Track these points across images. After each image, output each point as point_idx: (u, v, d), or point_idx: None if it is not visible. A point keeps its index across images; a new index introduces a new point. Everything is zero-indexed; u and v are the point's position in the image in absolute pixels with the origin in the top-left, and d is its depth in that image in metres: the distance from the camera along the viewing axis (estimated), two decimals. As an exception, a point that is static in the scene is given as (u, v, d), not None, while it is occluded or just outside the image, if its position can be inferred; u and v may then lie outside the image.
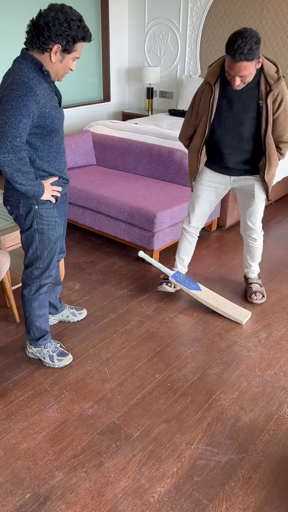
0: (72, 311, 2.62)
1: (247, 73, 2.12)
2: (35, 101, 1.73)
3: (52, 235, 2.03)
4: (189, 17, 5.26)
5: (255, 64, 2.12)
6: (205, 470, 1.76)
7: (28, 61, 1.75)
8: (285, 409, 2.04)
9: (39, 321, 2.21)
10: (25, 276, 2.14)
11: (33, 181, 1.84)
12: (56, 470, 1.75)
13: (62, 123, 1.93)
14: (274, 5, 4.63)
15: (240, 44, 2.01)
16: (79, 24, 1.72)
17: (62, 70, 1.83)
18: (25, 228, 2.01)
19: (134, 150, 3.79)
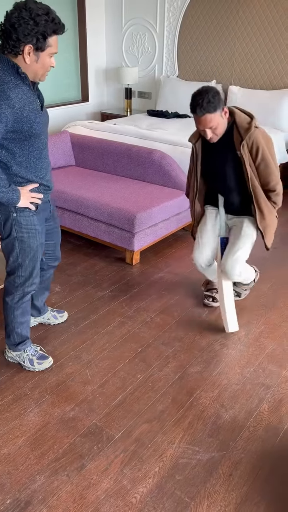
0: (54, 313, 2.60)
1: (214, 124, 2.18)
2: (8, 106, 1.66)
3: (33, 243, 1.98)
4: (166, 17, 5.28)
5: (220, 115, 2.17)
6: (187, 468, 1.78)
7: (4, 64, 1.69)
8: (265, 406, 2.07)
9: (20, 328, 2.19)
10: (8, 284, 2.09)
11: (5, 188, 1.78)
12: (37, 474, 1.74)
13: (44, 127, 1.86)
14: (250, 6, 4.68)
15: (198, 100, 2.12)
16: (47, 18, 1.63)
17: (41, 70, 1.75)
18: (5, 235, 1.96)
19: (113, 151, 3.79)
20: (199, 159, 2.42)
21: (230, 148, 2.29)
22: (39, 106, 1.82)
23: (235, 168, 2.33)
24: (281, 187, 2.35)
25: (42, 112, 1.84)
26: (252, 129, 2.21)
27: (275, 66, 4.76)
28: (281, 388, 2.17)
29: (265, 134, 2.27)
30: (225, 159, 2.33)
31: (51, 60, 1.76)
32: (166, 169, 3.53)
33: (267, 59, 4.78)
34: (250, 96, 4.77)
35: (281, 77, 4.76)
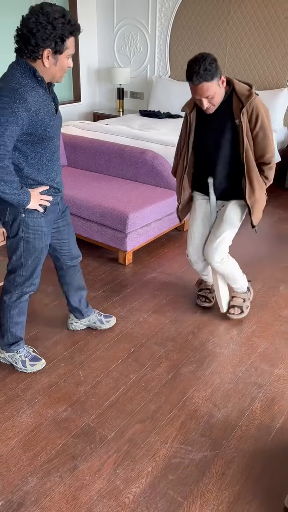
0: (100, 318, 2.55)
1: (211, 93, 2.11)
2: (25, 109, 1.67)
3: (38, 244, 1.99)
4: (158, 18, 5.28)
5: (217, 83, 2.10)
6: (180, 468, 1.78)
7: (22, 67, 1.70)
8: (257, 405, 2.08)
9: (15, 328, 2.18)
10: (7, 282, 2.10)
11: (17, 190, 1.78)
12: (29, 476, 1.74)
13: (57, 130, 1.86)
14: (241, 7, 4.70)
15: (195, 68, 2.04)
16: (63, 20, 1.64)
17: (60, 72, 1.76)
18: (11, 235, 1.97)
19: (105, 151, 3.79)
20: (193, 129, 2.31)
21: (228, 117, 2.22)
22: (54, 109, 1.83)
23: (230, 139, 2.25)
24: (274, 161, 2.28)
25: (57, 115, 1.85)
26: (253, 96, 2.15)
27: (266, 67, 4.79)
28: (273, 387, 2.18)
29: (263, 103, 2.21)
30: (221, 128, 2.24)
31: (69, 61, 1.77)
32: (158, 169, 3.54)
33: (259, 59, 4.80)
34: (242, 96, 4.78)
35: (273, 77, 4.78)
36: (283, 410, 2.05)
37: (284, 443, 1.89)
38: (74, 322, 2.53)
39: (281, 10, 4.49)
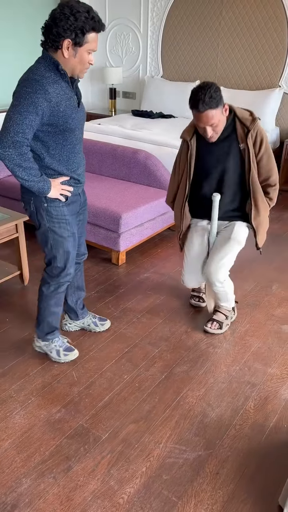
0: (94, 320, 2.55)
1: (215, 121, 2.12)
2: (45, 99, 1.72)
3: (64, 233, 2.03)
4: (150, 17, 5.28)
5: (221, 111, 2.12)
6: (174, 468, 1.78)
7: (46, 60, 1.77)
8: (251, 404, 2.08)
9: (51, 318, 2.24)
10: (46, 274, 2.17)
11: (37, 177, 1.83)
12: (23, 477, 1.73)
13: (80, 123, 1.92)
14: (233, 7, 4.72)
15: (200, 95, 2.05)
16: (87, 15, 1.71)
17: (80, 65, 1.81)
18: (38, 225, 2.03)
19: (98, 151, 3.78)
20: (193, 156, 2.31)
21: (232, 142, 2.23)
22: (76, 102, 1.89)
23: (235, 163, 2.27)
24: (278, 180, 2.33)
25: (79, 108, 1.90)
26: (257, 121, 2.20)
27: (258, 67, 4.81)
28: (267, 386, 2.19)
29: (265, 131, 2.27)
30: (226, 154, 2.26)
31: (90, 57, 1.82)
32: (151, 169, 3.54)
33: (250, 59, 4.82)
34: (234, 96, 4.80)
35: (264, 77, 4.81)
36: (276, 409, 2.06)
37: (278, 442, 1.90)
38: (68, 323, 2.53)
39: (272, 10, 4.52)
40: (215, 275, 2.37)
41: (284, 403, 2.09)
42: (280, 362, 2.34)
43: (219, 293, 2.47)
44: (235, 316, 2.69)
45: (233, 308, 2.67)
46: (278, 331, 2.58)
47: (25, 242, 2.88)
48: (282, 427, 1.97)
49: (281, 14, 4.49)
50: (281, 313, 2.75)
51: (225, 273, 2.39)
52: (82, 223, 2.23)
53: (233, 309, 2.66)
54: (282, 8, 4.47)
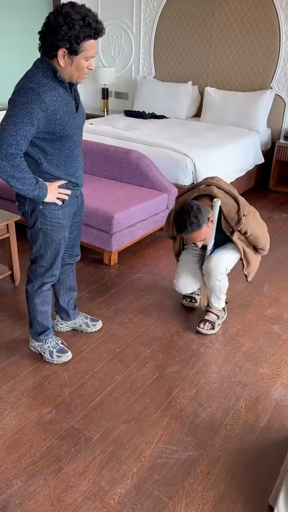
0: (86, 321, 2.54)
1: (202, 238, 2.27)
2: (41, 109, 1.69)
3: (56, 236, 2.02)
4: (142, 18, 5.29)
5: (206, 227, 2.23)
6: (165, 468, 1.78)
7: (44, 65, 1.73)
8: (242, 404, 2.09)
9: (41, 317, 2.23)
10: (30, 272, 2.16)
11: (32, 186, 1.81)
12: (14, 479, 1.72)
13: (77, 128, 1.89)
14: (225, 8, 4.74)
15: (184, 222, 2.17)
16: (81, 23, 1.63)
17: (77, 72, 1.76)
18: (30, 225, 2.02)
19: (90, 151, 3.77)
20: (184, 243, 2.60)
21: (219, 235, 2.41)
22: (75, 107, 1.85)
23: (223, 239, 2.46)
24: (268, 244, 2.49)
25: (77, 113, 1.87)
26: (242, 221, 2.28)
27: (250, 68, 4.83)
28: (257, 386, 2.20)
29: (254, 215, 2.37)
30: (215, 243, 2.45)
31: (89, 63, 1.76)
32: (143, 170, 3.54)
33: (243, 60, 4.84)
34: (226, 97, 4.82)
35: (256, 78, 4.83)
36: (267, 409, 2.07)
37: (268, 442, 1.91)
38: (60, 324, 2.52)
39: (264, 12, 4.54)
40: (216, 268, 2.42)
41: (274, 403, 2.10)
42: (271, 362, 2.35)
43: (215, 287, 2.49)
44: (226, 316, 2.70)
45: (223, 308, 2.68)
46: (269, 331, 2.59)
47: (16, 242, 2.86)
48: (273, 427, 1.98)
49: (273, 15, 4.52)
50: (272, 313, 2.76)
51: (224, 267, 2.44)
52: (78, 225, 2.22)
53: (223, 309, 2.68)
54: (274, 9, 4.49)
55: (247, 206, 2.39)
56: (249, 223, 2.34)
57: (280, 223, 4.07)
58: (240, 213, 2.28)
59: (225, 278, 2.48)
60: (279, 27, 4.53)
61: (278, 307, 2.83)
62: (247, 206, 2.39)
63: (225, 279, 2.48)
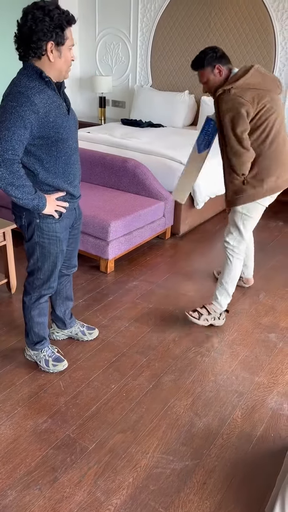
0: (83, 329, 2.53)
1: (203, 79, 2.36)
2: (32, 111, 1.66)
3: (53, 249, 2.00)
4: (139, 28, 5.33)
5: (210, 71, 2.32)
6: (161, 478, 1.77)
7: (28, 70, 1.72)
8: (238, 413, 2.09)
9: (38, 328, 2.23)
10: (27, 284, 2.15)
11: (31, 195, 1.77)
12: (8, 489, 1.70)
13: (72, 131, 1.85)
14: (221, 18, 4.79)
15: (195, 57, 2.37)
16: (59, 11, 1.67)
17: (65, 65, 1.77)
18: (27, 238, 2.00)
19: (87, 159, 3.78)
20: None
21: None
22: (66, 110, 1.82)
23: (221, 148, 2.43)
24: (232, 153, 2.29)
25: (69, 116, 1.84)
26: (220, 92, 2.26)
27: (246, 78, 4.87)
28: (254, 395, 2.19)
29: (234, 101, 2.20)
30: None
31: (71, 53, 1.78)
32: (140, 178, 3.55)
33: (239, 70, 4.88)
34: (222, 106, 4.85)
35: (252, 88, 4.87)
36: (263, 418, 2.06)
37: (265, 451, 1.90)
38: (56, 332, 2.51)
39: (259, 22, 4.59)
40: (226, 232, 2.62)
41: (271, 412, 2.10)
42: (267, 371, 2.35)
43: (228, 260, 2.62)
44: (221, 322, 2.68)
45: (221, 313, 2.68)
46: (265, 340, 2.60)
47: (12, 250, 2.86)
48: (269, 436, 1.97)
49: (268, 26, 4.56)
50: (268, 321, 2.77)
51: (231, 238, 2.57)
52: (76, 237, 2.20)
53: (221, 313, 2.68)
54: (269, 20, 4.54)
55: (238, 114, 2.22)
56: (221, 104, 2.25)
57: (275, 231, 4.09)
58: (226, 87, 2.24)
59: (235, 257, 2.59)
60: (275, 38, 4.58)
61: (275, 315, 2.83)
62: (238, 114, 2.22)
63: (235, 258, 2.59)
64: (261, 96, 2.25)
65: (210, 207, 4.06)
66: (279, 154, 2.40)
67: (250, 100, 2.22)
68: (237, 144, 2.27)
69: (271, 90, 2.32)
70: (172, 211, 3.71)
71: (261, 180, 2.40)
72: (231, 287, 2.64)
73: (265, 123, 2.30)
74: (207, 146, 2.58)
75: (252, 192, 2.42)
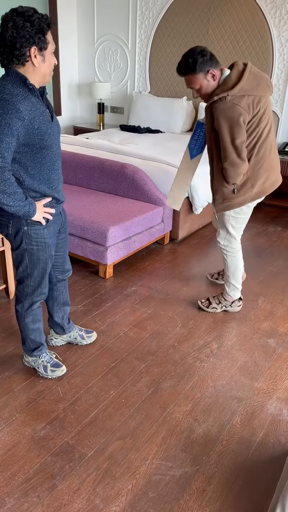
0: (81, 333, 2.54)
1: (195, 85, 2.24)
2: (18, 119, 1.65)
3: (42, 255, 2.00)
4: (138, 34, 5.37)
5: (202, 77, 2.21)
6: (160, 485, 1.76)
7: (12, 77, 1.70)
8: (237, 419, 2.08)
9: (33, 335, 2.22)
10: (18, 293, 2.14)
11: (22, 202, 1.78)
12: (6, 497, 1.69)
13: (55, 137, 1.86)
14: (219, 25, 4.82)
15: (181, 60, 2.19)
16: (38, 15, 1.66)
17: (49, 69, 1.77)
18: (15, 246, 1.99)
19: (86, 165, 3.79)
20: None
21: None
22: (49, 116, 1.83)
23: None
24: (228, 164, 2.27)
25: (53, 122, 1.85)
26: (215, 99, 2.19)
27: (244, 84, 4.90)
28: (253, 400, 2.19)
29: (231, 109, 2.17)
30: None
31: (53, 57, 1.78)
32: (138, 183, 3.56)
33: (236, 77, 4.91)
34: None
35: (250, 94, 4.89)
36: (262, 423, 2.05)
37: (264, 457, 1.89)
38: (55, 338, 2.50)
39: (257, 29, 4.63)
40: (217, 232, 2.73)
41: (270, 417, 2.09)
42: (266, 376, 2.35)
43: (224, 258, 2.76)
44: (236, 308, 2.89)
45: (233, 302, 2.88)
46: (264, 345, 2.59)
47: (11, 256, 2.85)
48: (269, 442, 1.96)
49: (266, 33, 4.60)
50: (267, 327, 2.76)
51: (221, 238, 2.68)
52: (64, 241, 2.20)
53: (232, 302, 2.88)
54: (267, 27, 4.58)
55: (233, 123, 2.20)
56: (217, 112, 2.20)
57: (274, 237, 4.09)
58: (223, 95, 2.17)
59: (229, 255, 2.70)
60: (272, 44, 4.61)
61: (273, 320, 2.83)
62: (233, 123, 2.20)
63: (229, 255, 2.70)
64: (256, 102, 2.24)
65: (208, 212, 4.07)
66: (266, 159, 2.41)
67: (246, 107, 2.20)
68: (235, 155, 2.26)
69: (265, 94, 2.28)
70: (171, 216, 3.72)
71: (251, 187, 2.43)
72: (234, 280, 2.79)
73: (257, 129, 2.29)
74: (200, 151, 2.58)
75: (242, 198, 2.46)
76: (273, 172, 2.49)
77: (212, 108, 2.24)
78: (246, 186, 2.42)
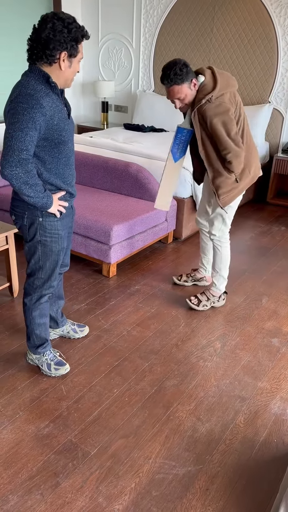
0: (74, 327, 2.57)
1: (181, 95, 2.36)
2: (41, 114, 1.73)
3: (55, 247, 2.04)
4: (142, 33, 5.36)
5: (188, 86, 2.34)
6: (163, 484, 1.76)
7: (35, 74, 1.78)
8: (241, 418, 2.07)
9: (39, 330, 2.23)
10: (27, 285, 2.16)
11: (41, 193, 1.85)
12: (10, 494, 1.69)
13: (71, 135, 1.94)
14: (223, 24, 4.81)
15: (167, 71, 2.31)
16: (76, 25, 1.75)
17: (72, 75, 1.86)
18: (28, 238, 2.03)
19: (89, 163, 3.79)
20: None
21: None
22: (67, 114, 1.90)
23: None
24: (232, 156, 2.37)
25: (69, 120, 1.92)
26: (203, 103, 2.32)
27: (248, 83, 4.89)
28: (256, 400, 2.18)
29: (219, 107, 2.31)
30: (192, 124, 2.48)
31: (79, 66, 1.87)
32: (142, 182, 3.56)
33: (241, 75, 4.90)
34: (224, 111, 4.86)
35: (254, 93, 4.88)
36: (266, 423, 2.05)
37: (268, 457, 1.89)
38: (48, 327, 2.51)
39: (262, 28, 4.61)
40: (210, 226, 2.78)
41: (273, 417, 2.08)
42: (270, 376, 2.34)
43: (215, 250, 2.81)
44: (221, 303, 2.93)
45: (220, 296, 2.92)
46: (268, 345, 2.59)
47: (15, 254, 2.86)
48: (272, 442, 1.96)
49: (271, 31, 4.58)
50: (271, 326, 2.76)
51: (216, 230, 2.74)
52: (69, 235, 2.24)
53: (220, 296, 2.92)
54: (272, 26, 4.56)
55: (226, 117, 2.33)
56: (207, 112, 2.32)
57: (278, 236, 4.08)
58: (207, 97, 2.31)
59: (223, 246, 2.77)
60: (277, 43, 4.59)
61: (277, 320, 2.82)
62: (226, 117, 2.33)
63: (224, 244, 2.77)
64: (233, 96, 2.42)
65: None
66: (251, 145, 2.58)
67: (229, 102, 2.37)
68: (235, 146, 2.37)
69: (234, 88, 2.45)
70: (174, 215, 3.71)
71: (248, 172, 2.58)
72: (225, 272, 2.86)
73: (240, 119, 2.47)
74: (183, 153, 2.67)
75: (242, 185, 2.59)
76: (257, 157, 2.67)
77: (200, 111, 2.36)
78: (244, 173, 2.56)
